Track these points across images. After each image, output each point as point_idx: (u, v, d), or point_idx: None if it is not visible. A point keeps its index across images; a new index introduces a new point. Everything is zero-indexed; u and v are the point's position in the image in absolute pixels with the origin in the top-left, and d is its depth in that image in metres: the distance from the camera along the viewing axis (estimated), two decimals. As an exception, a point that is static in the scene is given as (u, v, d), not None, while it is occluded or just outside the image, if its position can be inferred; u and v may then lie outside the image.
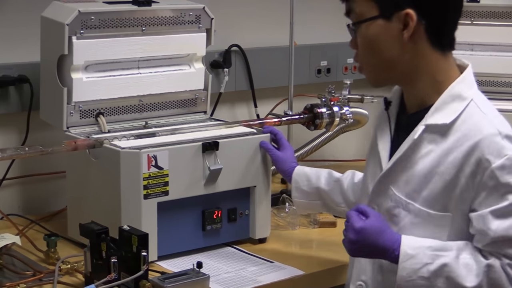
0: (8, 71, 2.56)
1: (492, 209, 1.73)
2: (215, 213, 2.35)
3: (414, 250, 1.78)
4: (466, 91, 1.83)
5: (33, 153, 2.15)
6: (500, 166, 1.72)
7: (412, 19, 1.77)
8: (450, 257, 1.76)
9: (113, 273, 1.92)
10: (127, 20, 2.40)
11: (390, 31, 1.79)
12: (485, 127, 1.77)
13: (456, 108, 1.80)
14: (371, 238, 1.80)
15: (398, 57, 1.81)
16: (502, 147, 1.74)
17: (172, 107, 2.57)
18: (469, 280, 1.74)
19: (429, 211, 1.81)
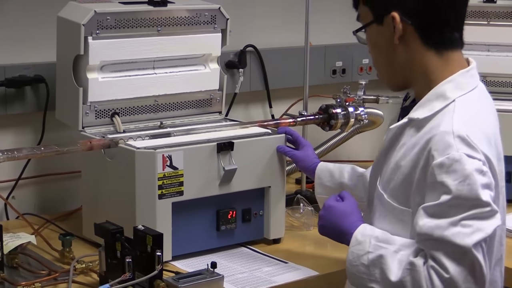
0: (25, 71, 2.58)
1: (425, 205, 1.71)
2: (230, 213, 2.35)
3: (363, 237, 1.82)
4: (451, 92, 1.80)
5: (49, 152, 2.16)
6: (439, 164, 1.70)
7: (396, 21, 1.79)
8: (389, 250, 1.77)
9: (128, 272, 1.92)
10: (142, 20, 2.40)
11: (384, 35, 1.82)
12: (443, 125, 1.75)
13: (435, 106, 1.80)
14: (336, 218, 1.90)
15: (394, 59, 1.84)
16: (449, 145, 1.71)
17: (187, 107, 2.57)
18: (394, 274, 1.74)
19: (393, 203, 1.83)
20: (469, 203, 1.68)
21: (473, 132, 1.73)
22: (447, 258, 1.67)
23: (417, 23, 1.79)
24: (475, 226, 1.67)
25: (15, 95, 2.57)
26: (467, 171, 1.68)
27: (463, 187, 1.67)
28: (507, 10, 2.94)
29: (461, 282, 1.67)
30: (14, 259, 2.17)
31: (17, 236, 2.24)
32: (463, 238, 1.66)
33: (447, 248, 1.67)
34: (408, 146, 1.80)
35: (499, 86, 3.00)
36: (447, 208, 1.68)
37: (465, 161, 1.68)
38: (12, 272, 2.14)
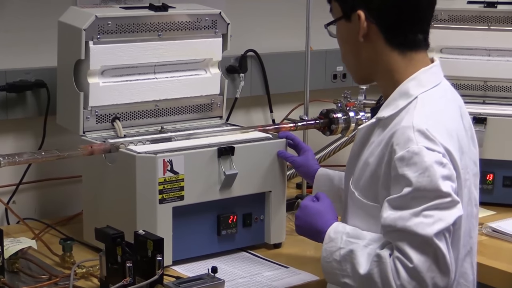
0: (25, 76, 2.58)
1: (389, 198, 1.75)
2: (230, 218, 2.35)
3: (335, 234, 1.86)
4: (414, 89, 1.84)
5: (50, 157, 2.16)
6: (400, 157, 1.73)
7: (361, 19, 1.82)
8: (359, 245, 1.81)
9: (128, 277, 1.92)
10: (143, 25, 2.40)
11: (351, 31, 1.86)
12: (404, 120, 1.79)
13: (400, 104, 1.83)
14: (311, 217, 1.95)
15: (359, 56, 1.88)
16: (409, 139, 1.74)
17: (188, 112, 2.57)
18: (363, 268, 1.77)
19: (364, 200, 1.86)
20: (430, 194, 1.71)
21: (432, 126, 1.77)
22: (410, 248, 1.71)
23: (381, 23, 1.83)
24: (436, 216, 1.71)
25: (16, 99, 2.57)
26: (427, 163, 1.71)
27: (423, 179, 1.71)
28: (507, 15, 2.95)
29: (425, 271, 1.70)
30: (15, 263, 2.17)
31: (18, 240, 2.24)
32: (425, 228, 1.70)
33: (410, 239, 1.71)
34: (375, 143, 1.85)
35: (500, 91, 3.01)
36: (409, 200, 1.72)
37: (425, 153, 1.72)
38: (13, 277, 2.14)
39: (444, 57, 3.03)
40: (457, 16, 2.99)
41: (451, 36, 3.00)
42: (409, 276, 1.70)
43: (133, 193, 2.19)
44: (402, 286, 1.71)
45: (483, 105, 2.98)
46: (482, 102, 3.00)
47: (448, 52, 3.04)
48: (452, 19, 2.99)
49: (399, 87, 1.85)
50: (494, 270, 2.32)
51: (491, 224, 2.59)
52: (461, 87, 3.04)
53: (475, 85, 3.03)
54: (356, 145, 1.93)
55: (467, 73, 3.01)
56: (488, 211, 2.77)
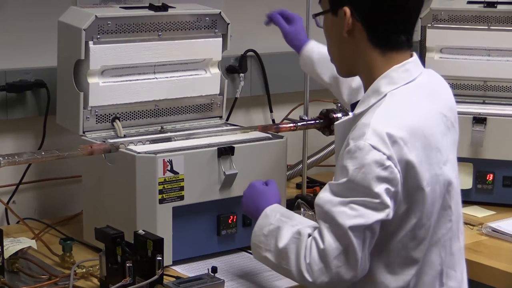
0: (25, 76, 2.58)
1: (331, 182, 1.83)
2: (230, 218, 2.35)
3: (271, 212, 1.97)
4: (385, 87, 1.86)
5: (49, 157, 2.16)
6: (348, 150, 1.80)
7: (346, 16, 1.85)
8: (288, 224, 1.90)
9: (128, 277, 1.92)
10: (143, 25, 2.40)
11: (336, 25, 1.88)
12: (366, 117, 1.83)
13: (371, 101, 1.87)
14: (255, 196, 2.06)
15: (343, 50, 1.91)
16: (361, 135, 1.78)
17: (187, 112, 2.58)
18: (283, 242, 1.87)
19: None
20: (360, 189, 1.77)
21: (393, 127, 1.79)
22: (328, 231, 1.79)
23: (365, 22, 1.85)
24: (359, 212, 1.77)
25: (16, 99, 2.57)
26: (366, 161, 1.76)
27: (357, 174, 1.76)
28: (507, 15, 2.95)
29: (332, 258, 1.79)
30: (15, 263, 2.17)
31: (18, 240, 2.24)
32: (344, 218, 1.77)
33: (330, 223, 1.79)
34: (347, 139, 1.88)
35: (500, 91, 3.01)
36: (344, 190, 1.79)
37: (367, 151, 1.76)
38: (13, 277, 2.14)
39: (444, 57, 3.03)
40: (457, 16, 2.99)
41: (451, 36, 3.00)
42: (318, 257, 1.80)
43: (133, 193, 2.19)
44: (309, 265, 1.81)
45: (483, 105, 2.98)
46: (482, 102, 3.01)
47: (448, 52, 3.04)
48: (452, 19, 2.99)
49: (372, 85, 1.89)
50: (494, 270, 2.32)
51: (491, 224, 2.59)
52: (461, 87, 3.04)
53: (475, 85, 3.03)
54: (336, 142, 1.99)
55: (467, 73, 3.01)
56: (488, 211, 2.78)
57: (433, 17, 3.00)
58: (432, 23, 3.01)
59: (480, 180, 2.84)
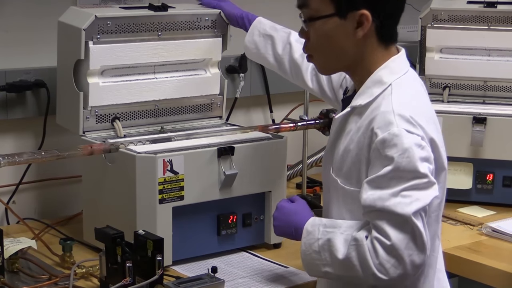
0: (25, 76, 2.58)
1: (368, 179, 1.81)
2: (230, 218, 2.35)
3: (312, 227, 1.91)
4: (387, 77, 1.88)
5: (49, 157, 2.16)
6: (381, 140, 1.79)
7: (367, 19, 1.84)
8: (336, 233, 1.86)
9: (128, 277, 1.92)
10: (143, 25, 2.40)
11: (344, 29, 1.86)
12: (384, 105, 1.84)
13: (374, 91, 1.88)
14: (288, 216, 2.00)
15: (348, 51, 1.89)
16: (390, 122, 1.80)
17: (187, 112, 2.57)
18: (341, 252, 1.83)
19: (347, 187, 1.90)
20: (408, 175, 1.77)
21: (412, 110, 1.83)
22: (389, 226, 1.77)
23: (381, 23, 1.87)
24: (414, 196, 1.77)
25: (16, 100, 2.57)
26: (406, 145, 1.77)
27: (402, 160, 1.77)
28: (507, 15, 2.95)
29: (403, 249, 1.76)
30: (15, 263, 2.17)
31: (18, 240, 2.24)
32: (403, 207, 1.76)
33: (389, 217, 1.76)
34: (354, 131, 1.89)
35: (500, 91, 3.01)
36: (388, 180, 1.78)
37: (405, 135, 1.78)
38: (13, 277, 2.14)
39: (444, 57, 3.04)
40: (457, 16, 2.99)
41: (451, 36, 3.00)
42: (387, 254, 1.76)
43: (133, 193, 2.19)
44: (380, 264, 1.77)
45: (483, 105, 2.98)
46: (482, 102, 3.01)
47: (448, 52, 3.04)
48: (452, 19, 2.99)
49: (371, 76, 1.90)
50: (494, 270, 2.32)
51: (491, 224, 2.59)
52: (461, 87, 3.04)
53: (475, 85, 3.03)
54: (332, 135, 1.98)
55: (467, 73, 3.02)
56: (488, 211, 2.78)
57: (433, 17, 3.00)
58: (432, 23, 3.01)
59: (480, 180, 2.84)
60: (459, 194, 2.85)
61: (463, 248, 2.45)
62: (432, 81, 3.06)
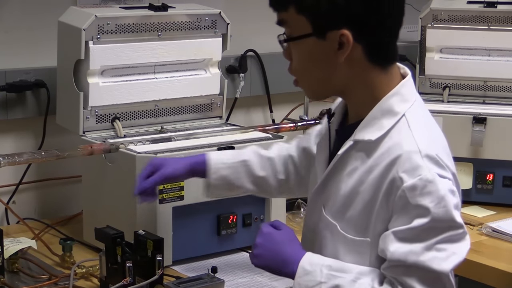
0: (25, 76, 2.58)
1: (396, 230, 1.60)
2: (230, 218, 2.35)
3: (312, 266, 1.68)
4: (399, 106, 1.67)
5: (49, 157, 2.16)
6: (411, 186, 1.58)
7: (348, 40, 1.62)
8: (346, 280, 1.64)
9: (128, 277, 1.92)
10: (143, 25, 2.40)
11: (324, 49, 1.64)
12: (406, 144, 1.62)
13: (385, 124, 1.66)
14: (275, 245, 1.73)
15: (333, 74, 1.67)
16: (418, 166, 1.59)
17: (187, 112, 2.58)
18: None
19: (348, 235, 1.69)
20: (443, 225, 1.59)
21: (438, 150, 1.64)
22: (420, 284, 1.59)
23: (367, 43, 1.64)
24: (450, 250, 1.60)
25: (16, 100, 2.57)
26: (442, 192, 1.58)
27: (439, 210, 1.58)
28: (507, 15, 2.95)
29: None
30: (15, 263, 2.17)
31: (18, 240, 2.24)
32: (440, 263, 1.59)
33: (421, 274, 1.59)
34: (362, 170, 1.67)
35: (500, 91, 3.01)
36: (420, 232, 1.58)
37: (438, 181, 1.59)
38: (13, 277, 2.14)
39: (444, 57, 3.04)
40: (457, 16, 2.99)
41: (451, 36, 3.00)
42: None
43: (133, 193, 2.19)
44: None
45: (483, 105, 2.98)
46: (482, 102, 3.01)
47: (448, 52, 3.04)
48: (452, 19, 2.99)
49: (379, 104, 1.67)
50: (494, 270, 2.32)
51: (491, 224, 2.59)
52: (461, 87, 3.04)
53: (475, 85, 3.03)
54: (328, 170, 1.74)
55: (467, 73, 3.02)
56: (488, 211, 2.78)
57: (433, 17, 3.00)
58: (432, 23, 3.01)
59: (480, 180, 2.84)
60: (459, 194, 2.84)
61: (463, 248, 2.45)
62: (432, 81, 3.06)
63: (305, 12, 1.63)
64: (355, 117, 1.73)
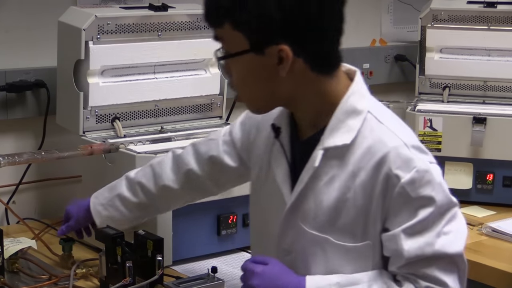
0: (25, 76, 2.58)
1: (404, 227, 1.59)
2: (230, 218, 2.35)
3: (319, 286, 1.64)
4: (360, 103, 1.64)
5: (49, 157, 2.16)
6: (410, 180, 1.57)
7: (287, 55, 1.57)
8: None
9: (128, 277, 1.92)
10: (143, 25, 2.40)
11: (263, 65, 1.59)
12: (389, 140, 1.60)
13: (352, 124, 1.63)
14: (274, 282, 1.65)
15: (276, 89, 1.62)
16: (410, 159, 1.58)
17: (187, 112, 2.58)
18: None
19: (346, 244, 1.64)
20: (444, 208, 1.61)
21: (415, 137, 1.65)
22: (440, 272, 1.60)
23: (308, 56, 1.59)
24: (454, 229, 1.62)
25: (16, 100, 2.57)
26: (438, 178, 1.61)
27: (440, 195, 1.60)
28: (507, 15, 2.95)
29: None
30: (15, 263, 2.17)
31: (18, 240, 2.24)
32: (452, 246, 1.60)
33: (438, 262, 1.60)
34: (345, 176, 1.63)
35: (500, 91, 3.01)
36: (428, 222, 1.59)
37: (432, 169, 1.61)
38: (13, 277, 2.14)
39: (444, 57, 3.04)
40: (457, 16, 2.99)
41: (451, 36, 3.00)
42: None
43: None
44: None
45: (483, 105, 2.98)
46: (482, 102, 3.01)
47: (448, 52, 3.04)
48: (452, 19, 3.00)
49: (340, 106, 1.63)
50: (494, 270, 2.32)
51: (491, 224, 2.59)
52: (461, 87, 3.04)
53: (475, 85, 3.03)
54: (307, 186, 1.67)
55: (467, 73, 3.02)
56: (488, 211, 2.78)
57: (433, 17, 3.00)
58: (432, 23, 3.01)
59: (480, 180, 2.84)
60: (459, 194, 2.80)
61: (463, 248, 2.45)
62: (432, 81, 3.06)
63: (241, 28, 1.58)
64: (312, 128, 1.68)
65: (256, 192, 1.83)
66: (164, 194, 2.03)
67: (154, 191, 2.03)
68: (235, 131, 1.92)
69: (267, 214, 1.77)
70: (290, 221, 1.70)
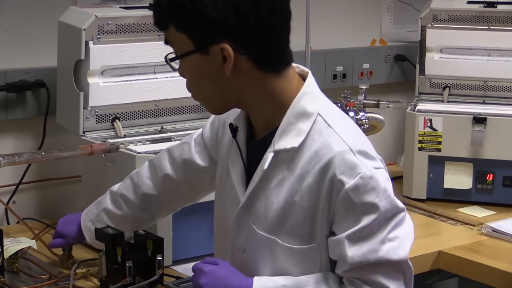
0: (25, 76, 2.58)
1: (348, 233, 1.60)
2: (230, 218, 2.35)
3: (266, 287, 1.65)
4: (310, 106, 1.64)
5: (49, 157, 2.16)
6: (353, 187, 1.58)
7: (229, 53, 1.59)
8: None
9: (128, 277, 1.92)
10: (143, 25, 2.40)
11: (210, 64, 1.62)
12: (334, 144, 1.61)
13: (302, 127, 1.63)
14: (221, 281, 1.68)
15: (225, 88, 1.65)
16: (354, 165, 1.59)
17: (188, 112, 2.57)
18: None
19: (293, 246, 1.66)
20: (390, 214, 1.61)
21: (363, 142, 1.65)
22: (384, 278, 1.61)
23: (251, 53, 1.60)
24: (400, 235, 1.62)
25: (16, 100, 2.57)
26: (383, 185, 1.60)
27: (385, 201, 1.60)
28: (507, 15, 2.95)
29: None
30: (15, 263, 2.17)
31: (18, 240, 2.24)
32: (397, 252, 1.61)
33: (383, 269, 1.61)
34: (293, 179, 1.64)
35: (500, 91, 3.01)
36: (372, 228, 1.59)
37: (377, 175, 1.60)
38: (13, 277, 2.14)
39: (444, 57, 3.04)
40: (457, 16, 2.99)
41: (451, 36, 3.00)
42: None
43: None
44: None
45: (483, 105, 2.98)
46: (482, 102, 3.01)
47: (448, 52, 3.04)
48: (452, 19, 3.00)
49: (290, 108, 1.64)
50: (494, 270, 2.32)
51: (491, 224, 2.59)
52: (461, 87, 3.04)
53: (475, 85, 3.03)
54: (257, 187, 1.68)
55: (467, 73, 3.02)
56: (488, 211, 2.78)
57: (433, 17, 3.00)
58: (432, 23, 3.01)
59: (480, 180, 2.84)
60: (459, 194, 2.85)
61: (463, 248, 2.45)
62: (432, 81, 3.06)
63: (183, 30, 1.61)
64: (265, 128, 1.69)
65: (218, 190, 1.85)
66: (146, 203, 2.04)
67: (136, 201, 2.05)
68: (205, 131, 1.95)
69: (226, 212, 1.79)
70: (243, 221, 1.72)
